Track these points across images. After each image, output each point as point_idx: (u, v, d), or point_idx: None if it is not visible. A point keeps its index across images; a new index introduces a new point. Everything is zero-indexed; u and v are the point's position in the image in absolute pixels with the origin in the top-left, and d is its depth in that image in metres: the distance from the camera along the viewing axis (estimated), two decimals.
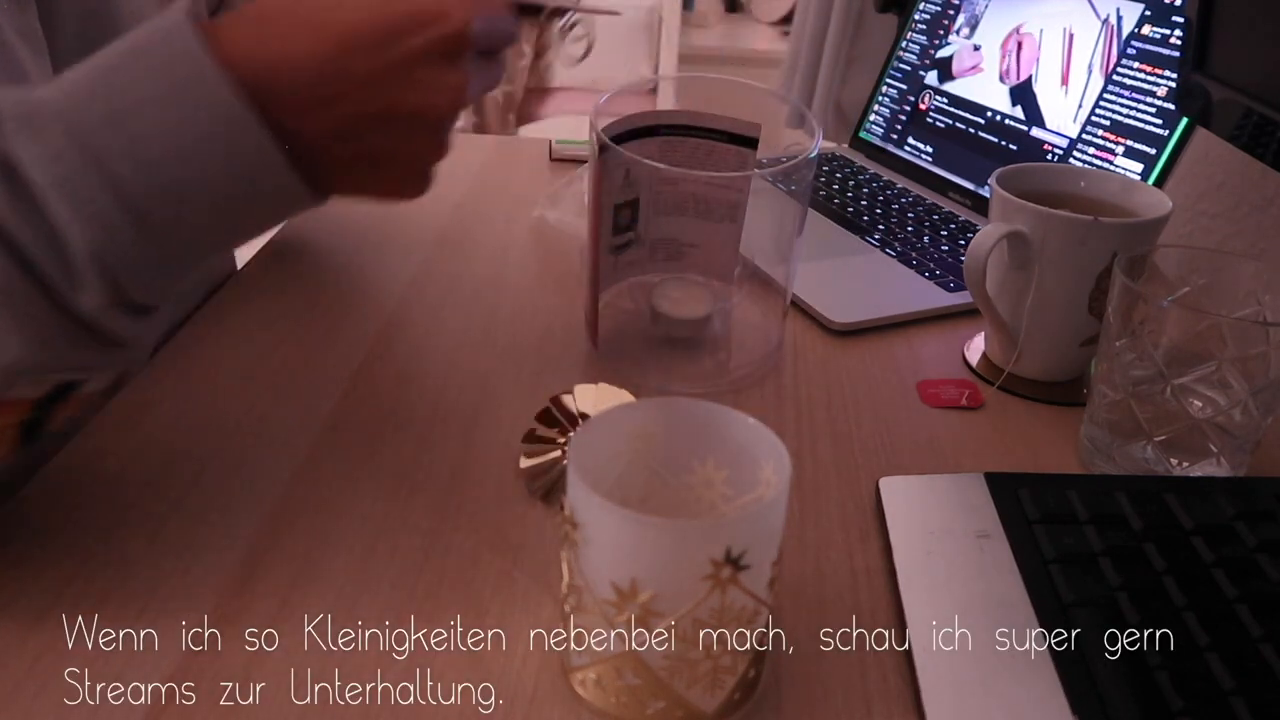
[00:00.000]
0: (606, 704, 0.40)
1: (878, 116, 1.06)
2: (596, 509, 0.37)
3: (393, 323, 0.70)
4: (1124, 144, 0.81)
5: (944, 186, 0.95)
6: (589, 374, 0.65)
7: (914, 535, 0.49)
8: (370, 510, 0.52)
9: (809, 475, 0.56)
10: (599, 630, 0.39)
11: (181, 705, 0.40)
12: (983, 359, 0.69)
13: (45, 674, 0.41)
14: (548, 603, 0.46)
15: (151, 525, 0.50)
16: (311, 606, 0.45)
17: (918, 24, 1.04)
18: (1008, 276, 0.64)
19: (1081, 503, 0.49)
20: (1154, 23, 0.81)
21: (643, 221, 0.64)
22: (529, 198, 0.89)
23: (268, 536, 0.49)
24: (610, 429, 0.42)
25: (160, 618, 0.44)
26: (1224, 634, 0.41)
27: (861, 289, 0.76)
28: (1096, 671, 0.41)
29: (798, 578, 0.49)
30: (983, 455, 0.59)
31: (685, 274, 0.68)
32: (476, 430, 0.58)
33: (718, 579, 0.36)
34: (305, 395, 0.61)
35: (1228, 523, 0.47)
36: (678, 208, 0.64)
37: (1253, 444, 0.54)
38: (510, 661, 0.43)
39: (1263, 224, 0.86)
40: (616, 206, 0.62)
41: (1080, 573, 0.45)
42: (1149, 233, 0.61)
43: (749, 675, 0.41)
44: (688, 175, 0.64)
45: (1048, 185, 0.66)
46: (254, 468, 0.54)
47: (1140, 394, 0.54)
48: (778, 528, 0.39)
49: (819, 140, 0.61)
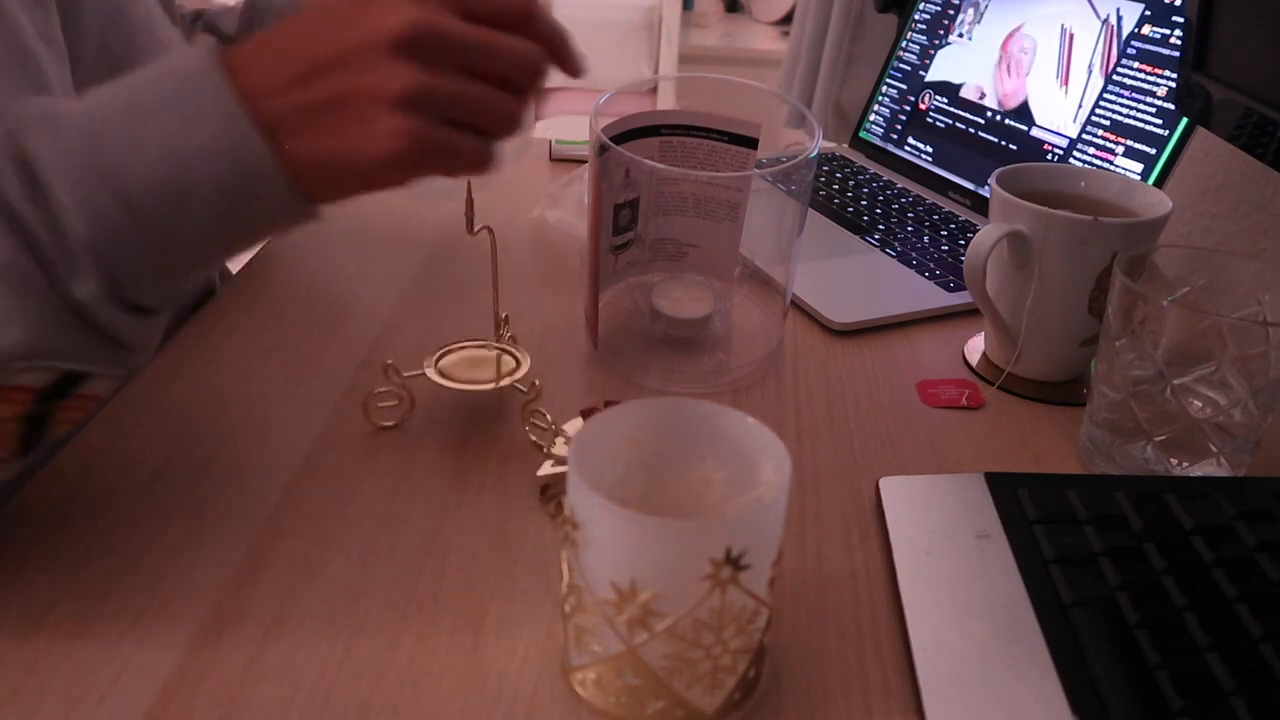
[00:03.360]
0: (606, 704, 0.40)
1: (878, 116, 1.06)
2: (596, 509, 0.37)
3: (393, 323, 0.70)
4: (1124, 144, 0.81)
5: (944, 186, 0.95)
6: (589, 373, 0.65)
7: (914, 535, 0.49)
8: (370, 510, 0.52)
9: (809, 475, 0.56)
10: (599, 630, 0.39)
11: (182, 705, 0.40)
12: (983, 359, 0.69)
13: (45, 674, 0.41)
14: (548, 603, 0.46)
15: (152, 525, 0.50)
16: (311, 606, 0.45)
17: (918, 24, 1.04)
18: (1008, 276, 0.64)
19: (1081, 503, 0.49)
20: (1154, 23, 0.81)
21: (643, 221, 0.64)
22: (529, 197, 0.89)
23: (268, 536, 0.49)
24: (610, 429, 0.42)
25: (160, 618, 0.44)
26: (1224, 634, 0.41)
27: (861, 289, 0.76)
28: (1096, 671, 0.41)
29: (798, 578, 0.49)
30: (983, 455, 0.59)
31: (685, 274, 0.68)
32: (476, 430, 0.58)
33: (718, 579, 0.36)
34: (305, 395, 0.61)
35: (1228, 523, 0.47)
36: (678, 208, 0.64)
37: (1253, 444, 0.54)
38: (510, 661, 0.43)
39: (1263, 224, 0.86)
40: (616, 207, 0.62)
41: (1080, 573, 0.45)
42: (1149, 233, 0.61)
43: (749, 675, 0.40)
44: (687, 175, 0.64)
45: (1048, 185, 0.66)
46: (254, 468, 0.54)
47: (1140, 394, 0.54)
48: (778, 528, 0.39)
49: (819, 140, 0.61)
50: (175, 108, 0.40)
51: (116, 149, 0.39)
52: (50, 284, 0.40)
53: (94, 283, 0.40)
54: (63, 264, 0.39)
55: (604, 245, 0.63)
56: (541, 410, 0.57)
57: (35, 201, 0.39)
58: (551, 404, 0.59)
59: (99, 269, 0.40)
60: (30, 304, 0.39)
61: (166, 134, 0.40)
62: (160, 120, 0.40)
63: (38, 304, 0.39)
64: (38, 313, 0.39)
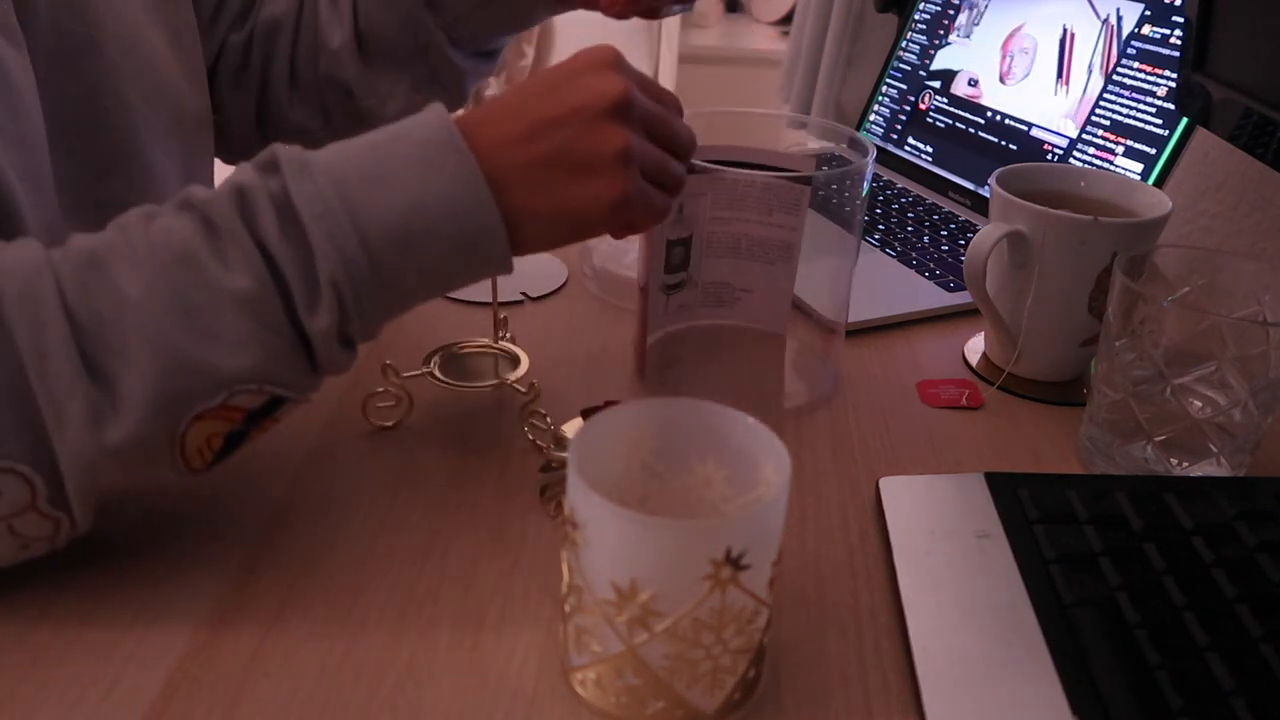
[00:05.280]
0: (606, 704, 0.40)
1: (878, 116, 1.06)
2: (596, 509, 0.37)
3: (392, 323, 0.69)
4: (1124, 144, 0.81)
5: (944, 186, 0.95)
6: (589, 374, 0.65)
7: (914, 535, 0.49)
8: (370, 510, 0.52)
9: (809, 475, 0.56)
10: (599, 630, 0.39)
11: (182, 704, 0.40)
12: (983, 359, 0.69)
13: (46, 673, 0.41)
14: (548, 603, 0.46)
15: (152, 525, 0.50)
16: (311, 606, 0.45)
17: (918, 24, 1.04)
18: (1008, 276, 0.64)
19: (1081, 503, 0.49)
20: (1154, 23, 0.81)
21: (694, 262, 0.63)
22: None
23: (268, 536, 0.49)
24: (610, 429, 0.42)
25: (160, 617, 0.44)
26: (1224, 634, 0.41)
27: (861, 289, 0.76)
28: (1096, 671, 0.41)
29: (798, 578, 0.49)
30: (983, 455, 0.59)
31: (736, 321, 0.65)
32: (476, 430, 0.58)
33: (718, 579, 0.36)
34: None
35: (1228, 523, 0.47)
36: (731, 249, 0.62)
37: (1253, 444, 0.54)
38: (510, 661, 0.43)
39: (1263, 224, 0.86)
40: (670, 243, 0.61)
41: (1080, 573, 0.45)
42: (1149, 233, 0.61)
43: (749, 675, 0.40)
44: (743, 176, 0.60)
45: (1048, 185, 0.66)
46: (254, 468, 0.54)
47: (1140, 394, 0.54)
48: (778, 528, 0.39)
49: (872, 155, 0.60)
50: (417, 170, 0.44)
51: (362, 200, 0.43)
52: (289, 316, 0.43)
53: (328, 315, 0.43)
54: (304, 298, 0.42)
55: (655, 283, 0.61)
56: (541, 411, 0.57)
57: (288, 239, 0.42)
58: (551, 404, 0.59)
59: (335, 306, 0.43)
60: (266, 333, 0.42)
61: (408, 190, 0.43)
62: (403, 178, 0.44)
63: (273, 334, 0.42)
64: (271, 342, 0.42)
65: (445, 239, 0.44)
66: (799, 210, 0.62)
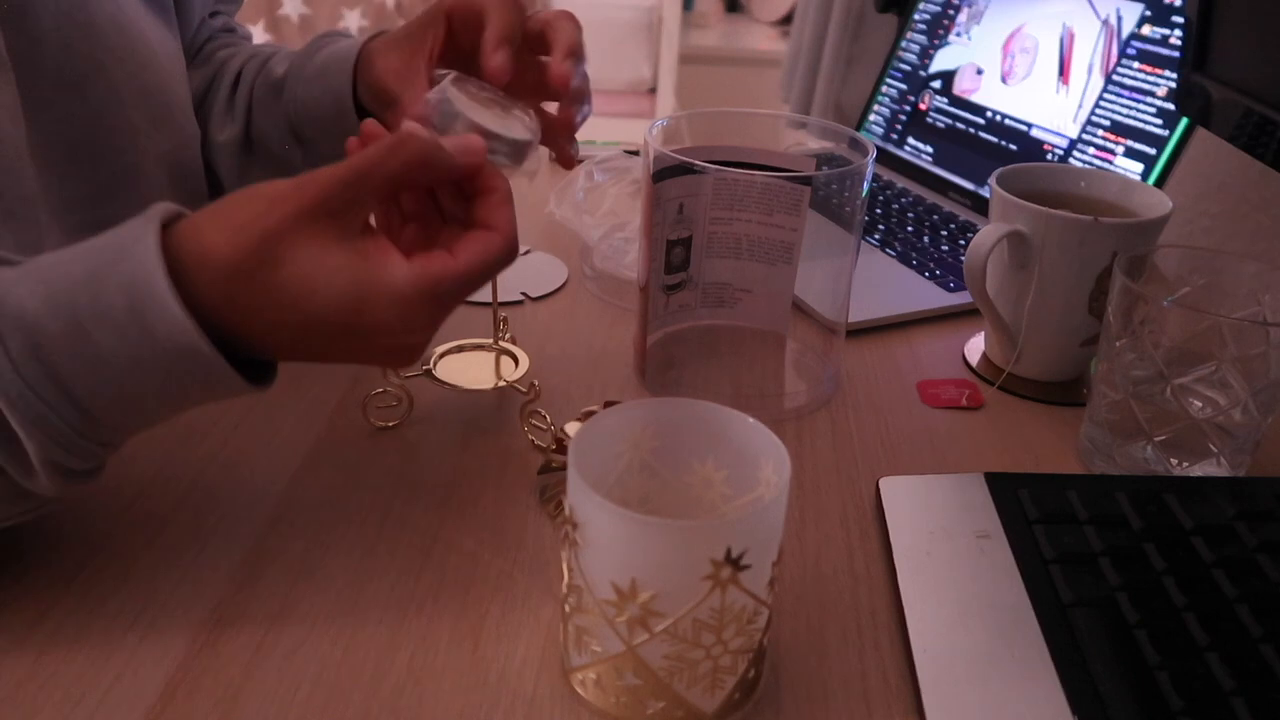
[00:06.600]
0: (606, 704, 0.40)
1: (878, 116, 1.06)
2: (596, 509, 0.37)
3: None
4: (1124, 144, 0.81)
5: (944, 186, 0.95)
6: (589, 374, 0.65)
7: (914, 535, 0.49)
8: (370, 510, 0.52)
9: (809, 475, 0.56)
10: (599, 630, 0.39)
11: (182, 704, 0.40)
12: (983, 359, 0.69)
13: (46, 673, 0.41)
14: (548, 603, 0.46)
15: (152, 525, 0.50)
16: (311, 606, 0.45)
17: (918, 24, 1.04)
18: (1008, 276, 0.64)
19: (1081, 503, 0.49)
20: (1154, 23, 0.81)
21: (695, 263, 0.63)
22: (539, 195, 0.89)
23: (268, 536, 0.49)
24: (610, 429, 0.42)
25: (161, 617, 0.44)
26: (1224, 634, 0.41)
27: (861, 289, 0.76)
28: (1096, 671, 0.41)
29: (798, 578, 0.49)
30: (983, 455, 0.59)
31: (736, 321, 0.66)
32: (475, 430, 0.58)
33: (718, 579, 0.36)
34: (305, 395, 0.61)
35: (1228, 523, 0.47)
36: (731, 249, 0.62)
37: (1253, 444, 0.54)
38: (510, 661, 0.43)
39: (1263, 224, 0.86)
40: (670, 243, 0.61)
41: (1080, 573, 0.45)
42: (1149, 233, 0.61)
43: (749, 675, 0.41)
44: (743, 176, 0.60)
45: (1048, 185, 0.66)
46: (254, 468, 0.54)
47: (1140, 394, 0.54)
48: (778, 528, 0.39)
49: (872, 155, 0.59)
50: (166, 374, 0.40)
51: (67, 359, 0.38)
52: (7, 484, 0.40)
53: (48, 482, 0.40)
54: (19, 473, 0.40)
55: (656, 283, 0.61)
56: (540, 411, 0.57)
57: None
58: (551, 404, 0.59)
59: (54, 473, 0.40)
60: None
61: (120, 348, 0.39)
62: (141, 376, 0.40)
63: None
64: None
65: (169, 395, 0.41)
66: (799, 210, 0.62)
